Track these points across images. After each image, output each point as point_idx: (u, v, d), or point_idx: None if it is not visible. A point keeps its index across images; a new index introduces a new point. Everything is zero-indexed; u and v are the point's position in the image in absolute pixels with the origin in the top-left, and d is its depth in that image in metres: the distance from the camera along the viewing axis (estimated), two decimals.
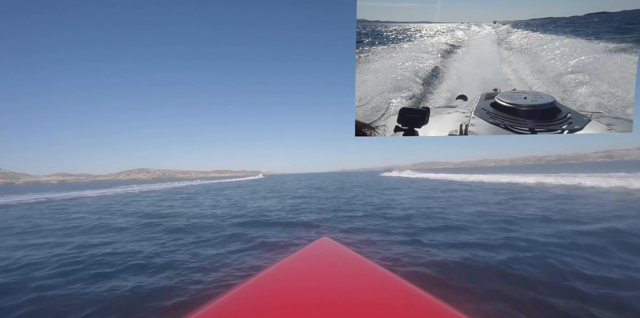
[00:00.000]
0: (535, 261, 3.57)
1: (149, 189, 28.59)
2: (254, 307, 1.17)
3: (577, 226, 5.59)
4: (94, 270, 3.87)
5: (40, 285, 3.33)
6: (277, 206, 11.01)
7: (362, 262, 1.69)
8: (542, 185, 16.48)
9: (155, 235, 6.23)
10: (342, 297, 1.21)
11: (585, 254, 3.82)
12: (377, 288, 1.33)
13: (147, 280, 3.44)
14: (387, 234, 5.67)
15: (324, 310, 1.07)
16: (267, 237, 5.72)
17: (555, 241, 4.48)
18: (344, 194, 16.09)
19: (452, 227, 5.96)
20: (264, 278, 1.48)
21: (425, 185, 21.29)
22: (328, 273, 1.54)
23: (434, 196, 13.06)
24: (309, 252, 1.92)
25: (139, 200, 16.73)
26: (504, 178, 23.26)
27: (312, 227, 6.81)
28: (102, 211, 11.33)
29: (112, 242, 5.58)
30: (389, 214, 7.92)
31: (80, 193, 23.32)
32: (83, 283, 3.40)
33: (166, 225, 7.37)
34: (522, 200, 10.33)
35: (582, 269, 3.26)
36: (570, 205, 8.48)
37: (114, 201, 16.23)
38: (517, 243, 4.46)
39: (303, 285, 1.37)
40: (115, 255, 4.57)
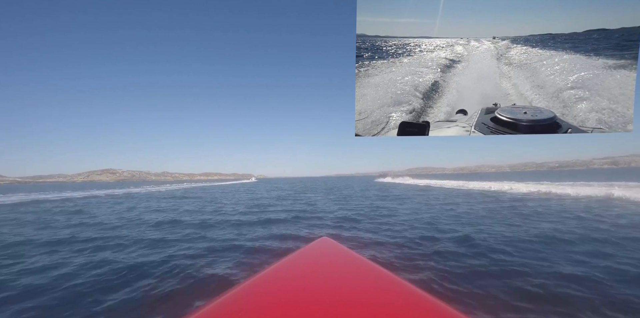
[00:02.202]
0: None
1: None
2: (254, 307, 1.16)
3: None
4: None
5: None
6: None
7: (361, 262, 1.69)
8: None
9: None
10: (342, 297, 1.21)
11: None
12: (376, 288, 1.34)
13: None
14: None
15: (323, 310, 1.07)
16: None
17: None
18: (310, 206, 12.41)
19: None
20: (264, 277, 1.47)
21: (431, 196, 16.03)
22: (328, 272, 1.54)
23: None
24: (308, 252, 1.92)
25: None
26: (528, 186, 18.20)
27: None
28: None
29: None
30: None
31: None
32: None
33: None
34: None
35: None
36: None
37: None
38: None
39: (303, 285, 1.37)
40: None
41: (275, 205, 12.92)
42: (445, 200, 13.52)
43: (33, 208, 13.81)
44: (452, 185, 26.04)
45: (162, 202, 15.83)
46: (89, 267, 4.09)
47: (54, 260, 4.54)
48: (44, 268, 4.11)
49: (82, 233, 6.76)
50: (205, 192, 25.88)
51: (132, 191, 28.25)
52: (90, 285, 3.41)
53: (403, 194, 17.98)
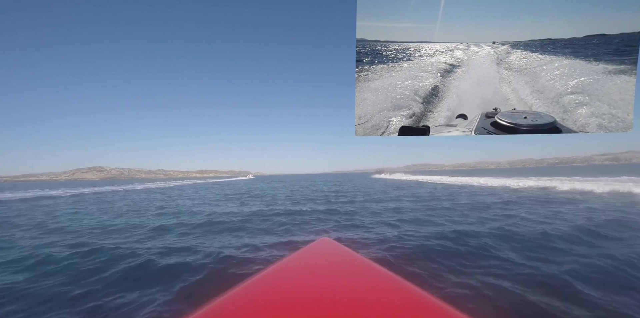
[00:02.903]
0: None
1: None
2: (254, 307, 1.16)
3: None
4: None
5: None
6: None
7: (362, 262, 1.69)
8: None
9: None
10: (342, 297, 1.21)
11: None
12: (377, 288, 1.34)
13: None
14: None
15: (324, 310, 1.07)
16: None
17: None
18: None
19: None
20: (264, 278, 1.47)
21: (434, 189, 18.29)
22: (328, 273, 1.54)
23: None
24: (308, 252, 1.92)
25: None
26: (539, 182, 18.64)
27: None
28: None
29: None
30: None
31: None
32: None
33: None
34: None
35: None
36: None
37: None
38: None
39: (303, 285, 1.37)
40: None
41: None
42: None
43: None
44: (440, 181, 28.14)
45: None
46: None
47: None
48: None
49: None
50: (163, 193, 22.00)
51: (85, 192, 24.25)
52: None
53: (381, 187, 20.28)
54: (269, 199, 14.96)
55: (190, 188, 30.21)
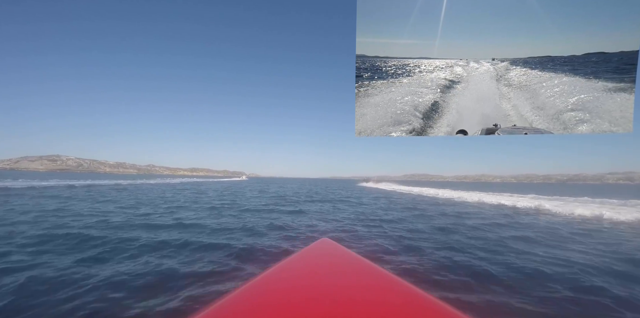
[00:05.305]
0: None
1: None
2: (256, 308, 1.17)
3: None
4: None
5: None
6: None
7: (361, 262, 1.70)
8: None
9: None
10: (343, 297, 1.22)
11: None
12: (377, 288, 1.34)
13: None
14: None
15: (324, 310, 1.07)
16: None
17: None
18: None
19: None
20: (265, 278, 1.49)
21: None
22: (328, 273, 1.55)
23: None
24: (309, 253, 1.93)
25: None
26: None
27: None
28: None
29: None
30: None
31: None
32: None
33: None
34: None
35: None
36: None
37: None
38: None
39: (304, 286, 1.38)
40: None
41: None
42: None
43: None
44: (420, 192, 24.54)
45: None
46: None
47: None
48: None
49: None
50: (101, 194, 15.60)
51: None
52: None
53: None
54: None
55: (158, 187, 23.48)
